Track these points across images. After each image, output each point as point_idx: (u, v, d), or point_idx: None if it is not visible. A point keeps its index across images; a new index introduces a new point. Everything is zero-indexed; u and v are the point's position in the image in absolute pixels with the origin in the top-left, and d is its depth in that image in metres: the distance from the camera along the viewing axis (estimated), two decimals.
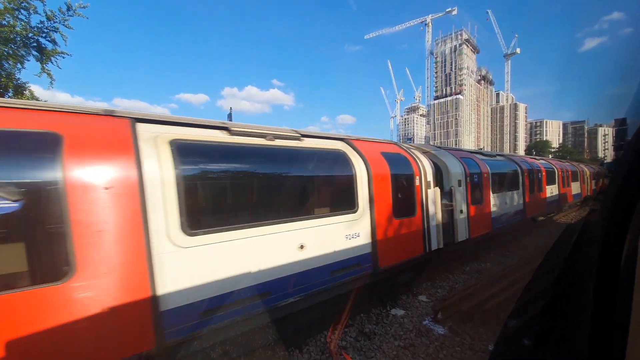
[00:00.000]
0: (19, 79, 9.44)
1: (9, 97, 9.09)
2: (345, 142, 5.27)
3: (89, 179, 2.61)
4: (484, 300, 5.21)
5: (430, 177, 6.37)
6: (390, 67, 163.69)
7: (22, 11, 8.61)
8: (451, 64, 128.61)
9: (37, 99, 9.89)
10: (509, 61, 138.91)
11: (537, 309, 2.23)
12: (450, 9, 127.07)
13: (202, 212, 3.53)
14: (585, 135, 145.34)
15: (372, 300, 5.69)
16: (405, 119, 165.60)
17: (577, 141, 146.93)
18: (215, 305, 3.29)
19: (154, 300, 2.83)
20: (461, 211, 7.33)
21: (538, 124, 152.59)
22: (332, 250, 4.49)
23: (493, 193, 8.76)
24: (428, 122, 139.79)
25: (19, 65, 9.09)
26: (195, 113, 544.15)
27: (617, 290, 0.96)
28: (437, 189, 6.56)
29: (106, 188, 2.66)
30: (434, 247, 6.39)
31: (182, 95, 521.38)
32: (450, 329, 4.87)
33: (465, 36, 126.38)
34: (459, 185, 7.36)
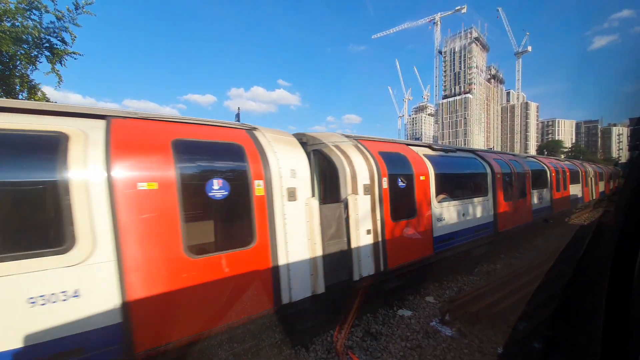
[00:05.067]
0: (32, 80, 9.64)
1: (23, 97, 9.30)
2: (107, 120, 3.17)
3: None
4: (493, 303, 5.14)
5: (290, 182, 4.16)
6: (398, 66, 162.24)
7: (34, 11, 8.75)
8: (460, 63, 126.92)
9: (48, 100, 10.10)
10: (520, 59, 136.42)
11: (548, 312, 2.19)
12: (459, 7, 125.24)
13: None
14: (599, 135, 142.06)
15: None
16: (413, 118, 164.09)
17: (591, 141, 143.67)
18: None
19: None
20: (368, 231, 5.12)
21: (550, 123, 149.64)
22: None
23: (440, 202, 6.61)
24: (436, 122, 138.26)
25: (31, 66, 9.28)
26: (203, 114, 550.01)
27: (631, 294, 0.94)
28: (313, 201, 4.32)
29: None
30: (294, 297, 4.09)
31: (190, 96, 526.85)
32: (458, 331, 4.81)
33: (474, 34, 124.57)
34: (366, 192, 5.13)
